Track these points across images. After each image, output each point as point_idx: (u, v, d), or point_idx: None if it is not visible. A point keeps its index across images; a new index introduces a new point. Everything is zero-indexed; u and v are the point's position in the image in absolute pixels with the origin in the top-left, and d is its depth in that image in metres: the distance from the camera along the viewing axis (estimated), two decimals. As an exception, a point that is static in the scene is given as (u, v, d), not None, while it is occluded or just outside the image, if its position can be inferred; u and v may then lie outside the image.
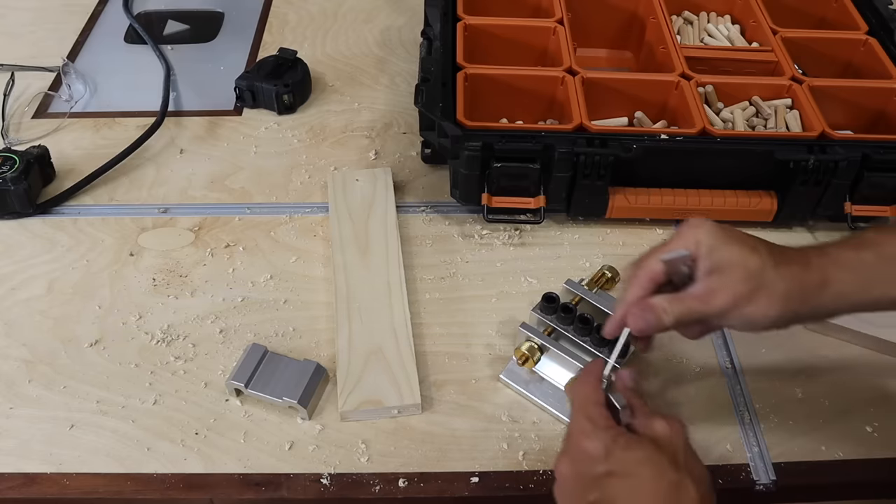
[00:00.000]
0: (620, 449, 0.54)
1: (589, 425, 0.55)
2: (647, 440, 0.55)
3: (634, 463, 0.53)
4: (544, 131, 0.82)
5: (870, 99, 0.90)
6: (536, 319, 0.73)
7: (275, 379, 0.69)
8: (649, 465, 0.53)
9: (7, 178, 0.83)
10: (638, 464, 0.53)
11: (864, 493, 0.70)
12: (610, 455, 0.53)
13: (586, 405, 0.57)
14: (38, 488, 0.65)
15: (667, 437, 0.55)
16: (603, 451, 0.54)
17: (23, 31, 1.14)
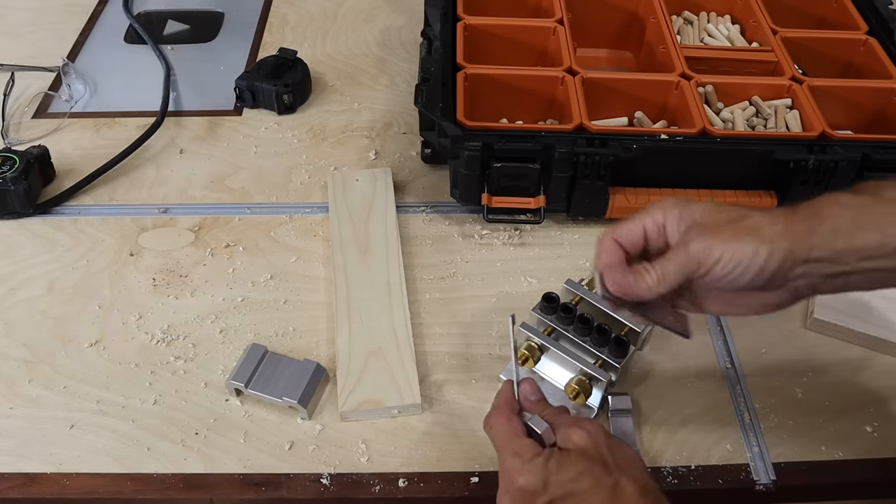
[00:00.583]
0: (554, 474, 0.54)
1: (518, 461, 0.55)
2: (575, 454, 0.55)
3: (571, 482, 0.53)
4: (544, 131, 0.82)
5: (870, 99, 0.90)
6: (536, 319, 0.73)
7: (275, 379, 0.69)
8: (585, 479, 0.53)
9: (7, 178, 0.83)
10: (574, 481, 0.53)
11: (864, 493, 0.70)
12: (547, 484, 0.53)
13: (508, 441, 0.57)
14: (38, 488, 0.65)
15: (590, 444, 0.55)
16: (540, 484, 0.53)
17: (23, 31, 1.14)
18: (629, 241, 0.57)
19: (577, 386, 0.68)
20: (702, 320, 0.78)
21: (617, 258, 0.56)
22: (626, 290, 0.55)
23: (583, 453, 0.55)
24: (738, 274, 0.52)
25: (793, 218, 0.53)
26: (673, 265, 0.54)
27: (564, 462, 0.54)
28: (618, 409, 0.69)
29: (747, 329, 0.77)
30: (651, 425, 0.69)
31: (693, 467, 0.67)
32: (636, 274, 0.55)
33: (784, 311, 0.78)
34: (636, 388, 0.72)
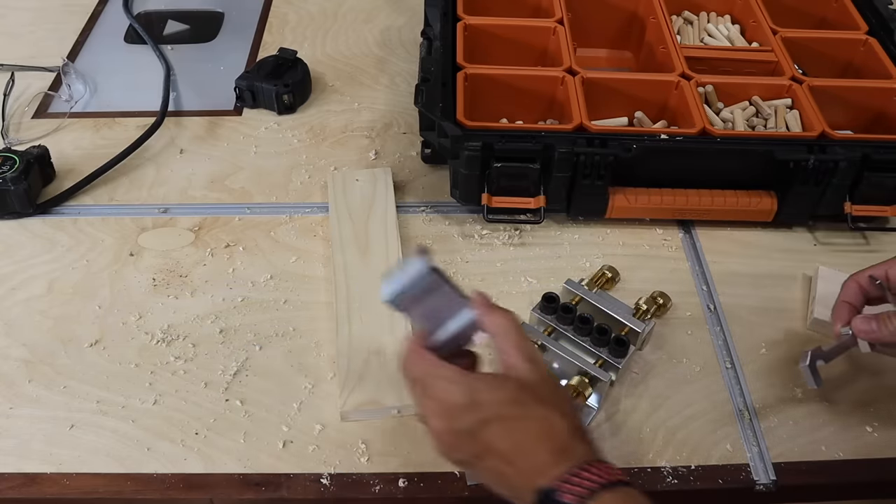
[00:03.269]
0: (485, 391, 0.54)
1: (445, 382, 0.55)
2: (512, 379, 0.55)
3: (503, 404, 0.53)
4: (544, 131, 0.82)
5: (870, 99, 0.90)
6: (536, 319, 0.73)
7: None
8: (517, 404, 0.53)
9: (7, 178, 0.83)
10: (505, 404, 0.53)
11: (864, 493, 0.70)
12: (477, 402, 0.53)
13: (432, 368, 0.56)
14: (38, 488, 0.65)
15: (531, 376, 0.55)
16: (469, 399, 0.54)
17: (23, 31, 1.14)
18: (867, 283, 0.66)
19: (577, 386, 0.68)
20: (701, 321, 0.78)
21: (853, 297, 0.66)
22: (871, 335, 0.63)
23: (518, 381, 0.55)
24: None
25: None
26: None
27: (498, 384, 0.54)
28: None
29: (747, 329, 0.77)
30: (651, 425, 0.69)
31: (693, 467, 0.67)
32: (879, 321, 0.63)
33: (784, 311, 0.79)
34: (636, 388, 0.72)
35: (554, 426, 0.53)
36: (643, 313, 0.75)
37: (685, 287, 0.81)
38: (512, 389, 0.54)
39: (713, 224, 0.87)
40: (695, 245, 0.85)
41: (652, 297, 0.77)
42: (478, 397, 0.54)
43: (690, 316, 0.78)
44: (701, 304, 0.80)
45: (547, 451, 0.52)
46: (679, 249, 0.85)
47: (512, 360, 0.56)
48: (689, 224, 0.87)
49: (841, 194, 0.82)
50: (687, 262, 0.83)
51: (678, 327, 0.77)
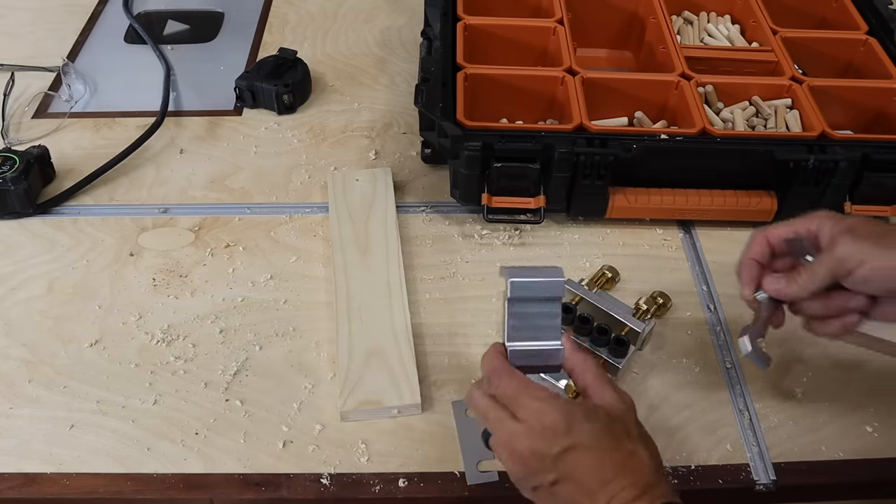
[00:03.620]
0: (580, 421, 0.54)
1: (543, 403, 0.55)
2: (603, 410, 0.55)
3: (594, 434, 0.54)
4: (544, 131, 0.82)
5: (870, 99, 0.90)
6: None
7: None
8: (608, 436, 0.54)
9: (7, 178, 0.83)
10: (597, 435, 0.54)
11: (864, 493, 0.70)
12: (571, 428, 0.53)
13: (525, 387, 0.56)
14: (38, 488, 0.65)
15: (620, 410, 0.56)
16: (565, 425, 0.53)
17: (23, 31, 1.14)
18: (777, 241, 0.64)
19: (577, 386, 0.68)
20: (701, 321, 0.78)
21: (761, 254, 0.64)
22: (781, 292, 0.62)
23: (609, 413, 0.55)
24: (880, 282, 0.58)
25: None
26: (822, 267, 0.60)
27: (592, 413, 0.55)
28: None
29: (747, 329, 0.77)
30: (651, 425, 0.69)
31: (693, 467, 0.67)
32: (788, 278, 0.62)
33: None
34: (636, 388, 0.72)
35: (642, 461, 0.54)
36: (643, 313, 0.75)
37: (685, 287, 0.81)
38: (604, 419, 0.55)
39: (713, 224, 0.86)
40: (695, 245, 0.85)
41: (652, 297, 0.77)
42: (574, 423, 0.54)
43: (690, 316, 0.78)
44: (701, 304, 0.79)
45: (632, 485, 0.52)
46: (679, 249, 0.85)
47: (600, 394, 0.56)
48: (689, 224, 0.87)
49: (841, 194, 0.82)
50: (687, 262, 0.83)
51: (678, 327, 0.77)
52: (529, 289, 0.58)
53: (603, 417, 0.55)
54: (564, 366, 0.59)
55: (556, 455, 0.53)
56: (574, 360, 0.59)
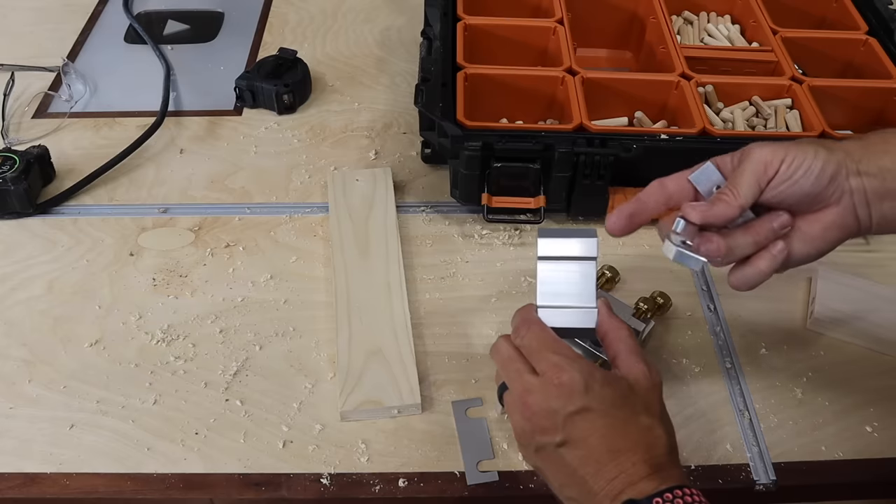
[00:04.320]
0: (598, 384, 0.52)
1: (562, 359, 0.54)
2: (626, 381, 0.54)
3: (610, 401, 0.52)
4: (544, 131, 0.82)
5: (870, 99, 0.90)
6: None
7: None
8: (625, 406, 0.52)
9: (7, 178, 0.83)
10: (613, 403, 0.52)
11: (864, 493, 0.70)
12: (589, 389, 0.52)
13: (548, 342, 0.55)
14: (38, 488, 0.65)
15: (644, 384, 0.54)
16: (582, 385, 0.52)
17: (23, 31, 1.14)
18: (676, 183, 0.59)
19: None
20: (701, 321, 0.78)
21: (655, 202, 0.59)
22: (707, 214, 0.56)
23: (632, 385, 0.53)
24: (803, 173, 0.55)
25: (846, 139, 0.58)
26: (744, 176, 0.56)
27: (611, 380, 0.53)
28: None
29: (747, 329, 0.77)
30: (651, 425, 0.69)
31: (693, 467, 0.67)
32: (713, 200, 0.57)
33: (784, 311, 0.79)
34: (636, 388, 0.72)
35: (657, 439, 0.52)
36: (643, 313, 0.75)
37: (685, 287, 0.81)
38: (624, 389, 0.53)
39: (713, 224, 0.86)
40: (695, 245, 0.85)
41: (652, 297, 0.77)
42: (592, 385, 0.52)
43: (690, 316, 0.78)
44: (701, 304, 0.79)
45: (643, 461, 0.50)
46: (679, 249, 0.85)
47: (628, 364, 0.55)
48: (689, 224, 0.87)
49: (841, 194, 0.82)
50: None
51: (678, 327, 0.77)
52: (559, 248, 0.56)
53: (624, 387, 0.53)
54: (598, 331, 0.57)
55: (569, 415, 0.52)
56: (608, 326, 0.57)
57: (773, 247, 0.58)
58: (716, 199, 0.57)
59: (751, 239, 0.57)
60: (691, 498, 0.48)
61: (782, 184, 0.56)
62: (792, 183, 0.56)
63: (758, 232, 0.57)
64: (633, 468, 0.50)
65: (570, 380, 0.52)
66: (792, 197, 0.56)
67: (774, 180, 0.56)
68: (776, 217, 0.57)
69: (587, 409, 0.52)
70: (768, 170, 0.56)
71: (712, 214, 0.56)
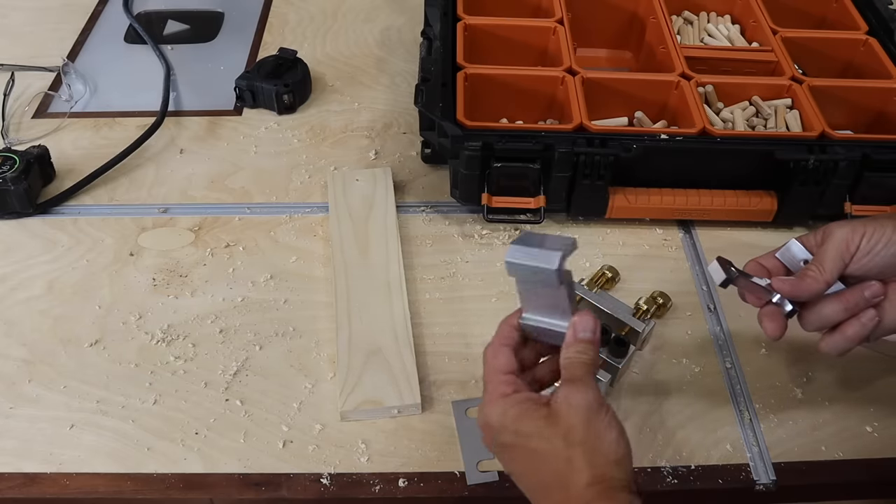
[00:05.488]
0: (511, 421, 0.53)
1: (488, 395, 0.56)
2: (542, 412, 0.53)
3: (524, 436, 0.53)
4: (544, 131, 0.82)
5: (870, 99, 0.90)
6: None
7: None
8: (537, 439, 0.52)
9: (7, 178, 0.83)
10: (528, 437, 0.53)
11: (864, 493, 0.70)
12: (503, 427, 0.54)
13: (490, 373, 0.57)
14: (38, 488, 0.65)
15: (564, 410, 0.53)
16: (497, 423, 0.54)
17: (23, 31, 1.14)
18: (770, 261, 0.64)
19: None
20: (701, 321, 0.78)
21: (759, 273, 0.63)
22: (795, 289, 0.61)
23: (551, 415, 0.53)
24: (882, 245, 0.59)
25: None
26: (828, 253, 0.60)
27: (524, 416, 0.53)
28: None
29: (747, 329, 0.77)
30: (651, 425, 0.69)
31: (693, 467, 0.67)
32: (799, 277, 0.61)
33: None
34: (636, 388, 0.72)
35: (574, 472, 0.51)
36: (643, 313, 0.75)
37: (685, 287, 0.81)
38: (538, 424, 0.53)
39: (713, 224, 0.86)
40: (695, 245, 0.85)
41: (652, 297, 0.77)
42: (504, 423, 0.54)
43: (690, 316, 0.78)
44: (701, 304, 0.80)
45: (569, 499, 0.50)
46: (679, 249, 0.85)
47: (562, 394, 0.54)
48: (689, 224, 0.87)
49: (841, 194, 0.82)
50: (687, 262, 0.83)
51: (678, 327, 0.77)
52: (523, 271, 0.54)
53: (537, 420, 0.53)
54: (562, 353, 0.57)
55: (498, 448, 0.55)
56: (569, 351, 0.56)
57: (863, 315, 0.61)
58: (803, 274, 0.61)
59: (841, 307, 0.61)
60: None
61: (864, 257, 0.60)
62: (873, 255, 0.59)
63: (848, 300, 0.61)
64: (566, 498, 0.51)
65: (487, 417, 0.55)
66: (876, 267, 0.60)
67: (857, 255, 0.60)
68: (868, 287, 0.61)
69: (503, 445, 0.54)
70: (850, 245, 0.60)
71: (800, 289, 0.61)
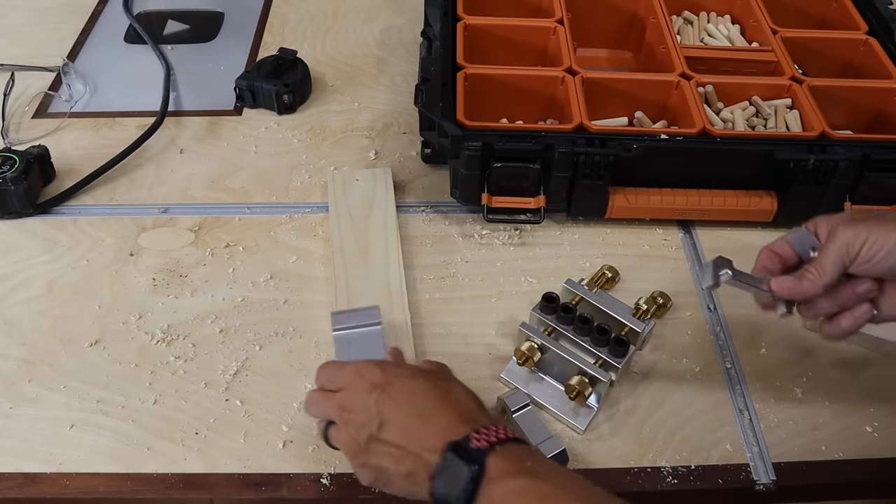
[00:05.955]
0: (393, 367, 0.60)
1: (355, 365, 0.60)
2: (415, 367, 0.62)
3: (407, 375, 0.59)
4: (544, 131, 0.82)
5: (870, 99, 0.90)
6: (536, 319, 0.73)
7: None
8: (420, 377, 0.59)
9: (7, 178, 0.83)
10: (410, 376, 0.59)
11: (864, 493, 0.70)
12: (385, 370, 0.59)
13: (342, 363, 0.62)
14: (38, 488, 0.65)
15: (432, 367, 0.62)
16: (379, 369, 0.59)
17: (23, 31, 1.14)
18: (782, 248, 0.65)
19: (577, 386, 0.68)
20: (701, 321, 0.78)
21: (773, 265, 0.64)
22: (794, 291, 0.62)
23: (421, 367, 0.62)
24: (883, 255, 0.59)
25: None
26: (828, 257, 0.61)
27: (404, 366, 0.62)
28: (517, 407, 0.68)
29: (747, 329, 0.77)
30: (651, 425, 0.69)
31: (693, 467, 0.67)
32: (797, 276, 0.62)
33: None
34: (636, 388, 0.72)
35: (460, 396, 0.58)
36: (643, 313, 0.75)
37: (685, 287, 0.81)
38: (415, 369, 0.61)
39: (713, 224, 0.86)
40: (695, 245, 0.85)
41: (652, 297, 0.77)
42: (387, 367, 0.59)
43: (690, 316, 0.78)
44: (701, 304, 0.80)
45: (455, 416, 0.55)
46: (679, 249, 0.85)
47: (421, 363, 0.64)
48: (689, 224, 0.87)
49: (841, 194, 0.82)
50: (687, 262, 0.83)
51: (678, 327, 0.77)
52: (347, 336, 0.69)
53: (414, 368, 0.61)
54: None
55: (376, 399, 0.57)
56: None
57: (857, 308, 0.62)
58: (802, 276, 0.62)
59: (834, 303, 0.62)
60: (504, 433, 0.53)
61: (864, 264, 0.60)
62: (874, 263, 0.60)
63: (840, 297, 0.62)
64: (447, 424, 0.55)
65: (369, 370, 0.59)
66: (877, 272, 0.61)
67: (857, 261, 0.60)
68: (860, 284, 0.61)
69: (388, 384, 0.57)
70: (850, 251, 0.60)
71: (798, 291, 0.62)
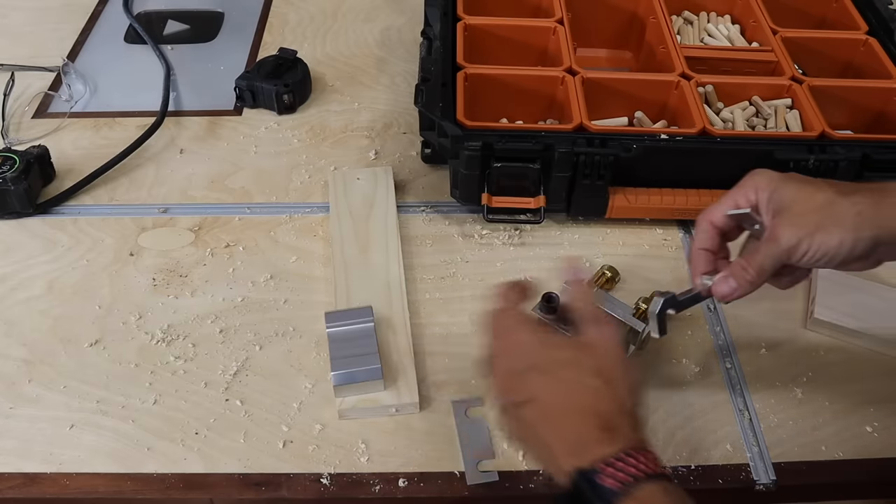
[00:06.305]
0: (547, 347, 0.56)
1: (519, 324, 0.58)
2: (575, 343, 0.56)
3: (557, 363, 0.55)
4: (544, 131, 0.82)
5: (870, 99, 0.90)
6: (536, 319, 0.73)
7: None
8: (570, 368, 0.54)
9: (7, 178, 0.83)
10: (560, 365, 0.55)
11: (864, 493, 0.70)
12: (537, 350, 0.56)
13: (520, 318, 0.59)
14: (38, 488, 0.65)
15: (600, 349, 0.56)
16: (535, 344, 0.56)
17: (23, 31, 1.14)
18: (722, 220, 0.62)
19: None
20: (701, 321, 0.78)
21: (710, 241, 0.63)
22: (733, 296, 0.61)
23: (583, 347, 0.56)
24: (826, 262, 0.58)
25: (879, 200, 0.57)
26: (768, 260, 0.59)
27: (559, 344, 0.57)
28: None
29: (747, 329, 0.77)
30: (651, 425, 0.69)
31: (693, 467, 0.67)
32: (735, 277, 0.60)
33: (784, 311, 0.79)
34: (636, 388, 0.72)
35: (605, 401, 0.53)
36: (643, 313, 0.75)
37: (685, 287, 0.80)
38: (571, 351, 0.55)
39: (713, 224, 0.86)
40: (695, 245, 0.85)
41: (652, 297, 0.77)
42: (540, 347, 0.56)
43: (690, 316, 0.78)
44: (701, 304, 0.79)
45: (593, 425, 0.51)
46: (679, 249, 0.85)
47: (587, 329, 0.57)
48: (689, 224, 0.87)
49: (841, 194, 0.82)
50: (687, 262, 0.83)
51: (678, 327, 0.77)
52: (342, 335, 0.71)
53: (571, 350, 0.56)
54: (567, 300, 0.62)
55: (522, 373, 0.55)
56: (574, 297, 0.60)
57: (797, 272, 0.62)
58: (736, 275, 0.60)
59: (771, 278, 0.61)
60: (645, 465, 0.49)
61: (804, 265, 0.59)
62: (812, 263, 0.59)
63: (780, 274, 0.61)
64: (585, 430, 0.52)
65: (523, 338, 0.56)
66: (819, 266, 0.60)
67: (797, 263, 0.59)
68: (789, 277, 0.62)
69: (536, 367, 0.55)
70: (791, 257, 0.58)
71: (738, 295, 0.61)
